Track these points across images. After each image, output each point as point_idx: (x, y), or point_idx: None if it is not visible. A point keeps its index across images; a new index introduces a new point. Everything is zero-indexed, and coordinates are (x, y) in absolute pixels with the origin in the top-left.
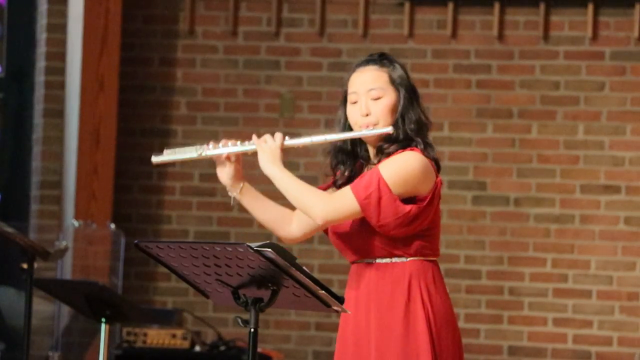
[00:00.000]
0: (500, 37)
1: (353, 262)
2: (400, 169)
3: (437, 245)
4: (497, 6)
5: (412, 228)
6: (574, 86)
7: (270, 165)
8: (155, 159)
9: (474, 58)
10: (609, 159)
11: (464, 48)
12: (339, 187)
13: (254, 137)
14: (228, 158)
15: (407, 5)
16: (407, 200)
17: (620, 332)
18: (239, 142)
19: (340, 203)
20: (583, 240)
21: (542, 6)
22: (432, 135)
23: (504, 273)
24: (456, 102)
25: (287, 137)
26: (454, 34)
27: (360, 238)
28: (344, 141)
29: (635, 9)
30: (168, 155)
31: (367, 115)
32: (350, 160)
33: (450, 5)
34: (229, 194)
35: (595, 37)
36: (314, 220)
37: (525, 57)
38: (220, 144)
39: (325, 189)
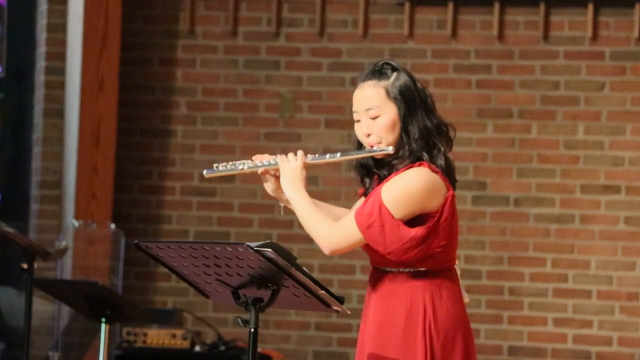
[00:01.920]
0: (500, 37)
1: (372, 266)
2: (402, 191)
3: (451, 256)
4: (497, 6)
5: (424, 249)
6: (574, 86)
7: (288, 187)
8: (207, 173)
9: (474, 58)
10: (609, 159)
11: (464, 48)
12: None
13: (279, 155)
14: (263, 174)
15: (407, 5)
16: (416, 219)
17: (620, 332)
18: (271, 159)
19: (345, 233)
20: (583, 240)
21: (542, 6)
22: None
23: (504, 273)
24: (456, 102)
25: (309, 155)
26: (454, 34)
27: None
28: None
29: (635, 9)
30: (217, 170)
31: (368, 135)
32: (373, 172)
33: (450, 5)
34: (280, 203)
35: (595, 37)
36: (321, 249)
37: (525, 57)
38: (257, 160)
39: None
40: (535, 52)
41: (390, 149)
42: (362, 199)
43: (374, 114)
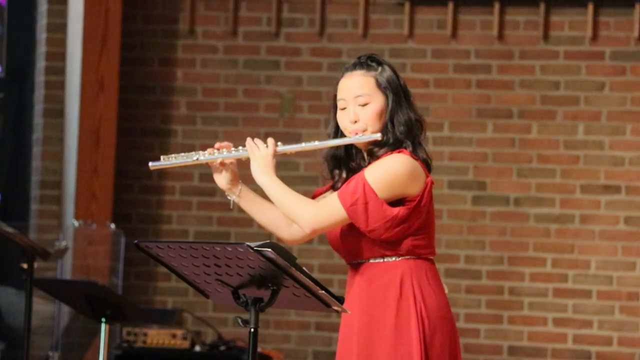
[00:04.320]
0: (500, 37)
1: (348, 263)
2: (386, 172)
3: (432, 244)
4: (497, 6)
5: (402, 230)
6: (574, 86)
7: (261, 173)
8: (152, 165)
9: (474, 58)
10: (609, 159)
11: (464, 48)
12: (338, 189)
13: (248, 142)
14: (222, 164)
15: (407, 5)
16: (396, 202)
17: (620, 332)
18: (232, 148)
19: (327, 211)
20: (583, 240)
21: (542, 6)
22: (432, 135)
23: (504, 273)
24: (456, 102)
25: (279, 143)
26: (454, 34)
27: (351, 240)
28: (337, 147)
29: (635, 9)
30: (165, 161)
31: (355, 122)
32: (344, 164)
33: (450, 5)
34: (228, 197)
35: (595, 37)
36: (302, 229)
37: (525, 57)
38: (216, 150)
39: (324, 192)
40: (535, 52)
41: (378, 136)
42: (317, 198)
43: (363, 101)
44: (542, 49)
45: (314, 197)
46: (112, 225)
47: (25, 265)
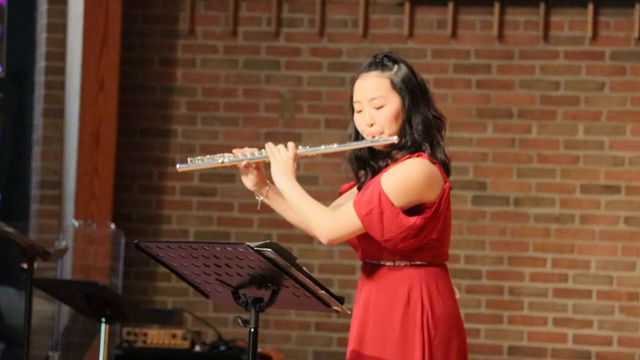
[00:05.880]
0: (500, 37)
1: (362, 260)
2: (402, 179)
3: (445, 250)
4: (497, 6)
5: (419, 239)
6: (574, 86)
7: (281, 177)
8: (180, 167)
9: (474, 58)
10: (609, 159)
11: (464, 48)
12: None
13: (268, 146)
14: (247, 166)
15: (407, 5)
16: (413, 209)
17: (620, 332)
18: (255, 151)
19: (343, 221)
20: (583, 240)
21: (542, 6)
22: None
23: (504, 273)
24: (456, 102)
25: (299, 147)
26: (454, 34)
27: (367, 239)
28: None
29: (635, 9)
30: (192, 164)
31: (372, 124)
32: (369, 165)
33: (450, 5)
34: (256, 197)
35: (595, 37)
36: (318, 238)
37: (525, 57)
38: (239, 153)
39: (349, 189)
40: (535, 52)
41: (395, 139)
42: (343, 196)
43: (378, 103)
44: (542, 49)
45: (340, 193)
46: (112, 225)
47: (25, 265)
